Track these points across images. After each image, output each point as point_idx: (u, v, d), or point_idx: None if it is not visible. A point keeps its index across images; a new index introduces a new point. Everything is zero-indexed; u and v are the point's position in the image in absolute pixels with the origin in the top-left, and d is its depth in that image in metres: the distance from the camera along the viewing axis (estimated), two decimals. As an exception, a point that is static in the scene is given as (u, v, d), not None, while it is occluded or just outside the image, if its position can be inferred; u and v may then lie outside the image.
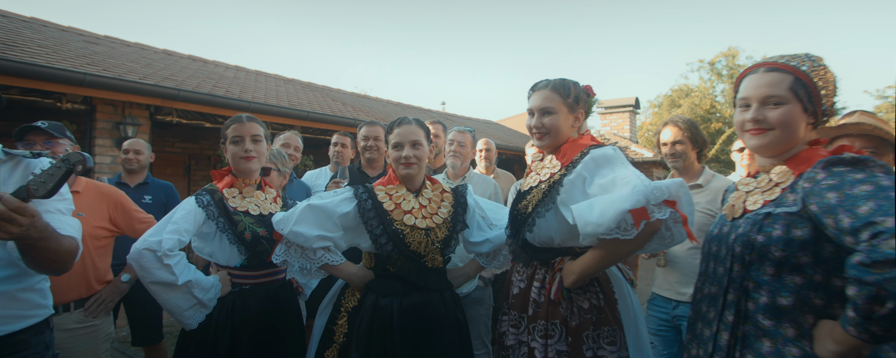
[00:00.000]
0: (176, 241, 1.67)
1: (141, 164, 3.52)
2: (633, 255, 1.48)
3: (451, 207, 1.96)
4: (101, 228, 2.33)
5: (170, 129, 7.71)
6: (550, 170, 1.68)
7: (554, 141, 1.71)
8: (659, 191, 1.28)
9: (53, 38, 6.11)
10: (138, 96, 5.22)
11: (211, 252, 1.89)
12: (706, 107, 22.36)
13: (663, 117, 23.34)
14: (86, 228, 2.25)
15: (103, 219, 2.35)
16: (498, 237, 1.99)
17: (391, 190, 1.88)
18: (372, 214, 1.81)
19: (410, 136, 1.86)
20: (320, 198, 1.84)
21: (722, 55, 24.66)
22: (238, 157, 1.94)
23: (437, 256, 1.86)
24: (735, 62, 24.19)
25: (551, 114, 1.68)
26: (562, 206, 1.55)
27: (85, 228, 2.23)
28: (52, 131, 2.21)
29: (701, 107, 22.50)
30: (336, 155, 3.89)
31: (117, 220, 2.39)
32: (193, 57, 8.37)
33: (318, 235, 1.74)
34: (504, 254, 2.05)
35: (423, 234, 1.82)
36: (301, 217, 1.75)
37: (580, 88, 1.72)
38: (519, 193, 1.81)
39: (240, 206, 1.93)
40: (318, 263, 1.78)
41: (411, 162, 1.85)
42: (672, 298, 2.43)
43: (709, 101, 23.01)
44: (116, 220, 2.39)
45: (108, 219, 2.37)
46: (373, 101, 11.44)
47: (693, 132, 2.46)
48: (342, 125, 7.41)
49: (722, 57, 24.64)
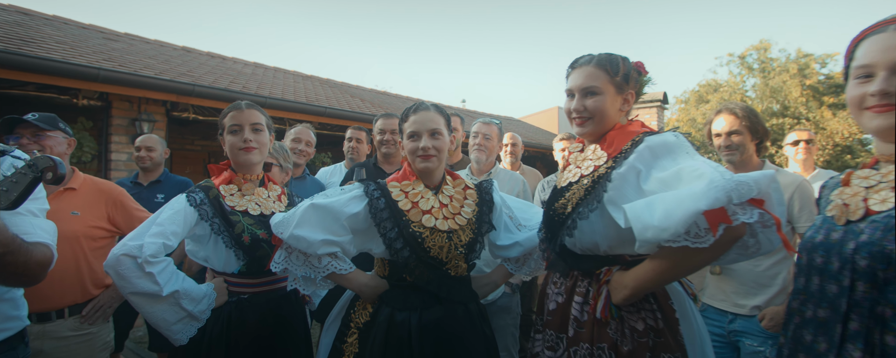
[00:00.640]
0: (159, 245, 1.46)
1: (154, 161, 3.37)
2: (705, 267, 1.21)
3: (476, 205, 1.71)
4: (99, 228, 2.16)
5: (189, 127, 7.67)
6: (594, 162, 1.40)
7: (598, 127, 1.44)
8: (745, 186, 1.00)
9: (73, 35, 6.09)
10: (154, 92, 5.13)
11: (206, 257, 1.68)
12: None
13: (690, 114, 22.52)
14: (81, 228, 2.09)
15: (101, 218, 2.18)
16: (529, 240, 1.73)
17: (407, 187, 1.64)
18: (385, 214, 1.57)
19: (428, 124, 1.62)
20: (326, 196, 1.61)
21: (753, 48, 23.66)
22: (236, 148, 1.73)
23: (460, 263, 1.61)
24: (767, 55, 23.18)
25: (596, 95, 1.41)
26: (610, 205, 1.28)
27: (80, 228, 2.07)
28: (41, 124, 2.04)
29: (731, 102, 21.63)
30: (351, 150, 3.68)
31: (117, 219, 2.22)
32: (212, 54, 8.32)
33: (322, 240, 1.51)
34: (535, 259, 1.79)
35: (445, 237, 1.57)
36: (303, 219, 1.52)
37: (630, 65, 1.44)
38: (555, 191, 1.54)
39: (238, 204, 1.72)
40: (324, 271, 1.55)
41: (430, 154, 1.61)
42: (728, 311, 2.12)
43: (739, 97, 22.12)
44: (116, 219, 2.22)
45: (107, 218, 2.20)
46: (392, 97, 11.25)
47: (752, 121, 2.14)
48: (360, 121, 7.24)
49: (753, 50, 23.64)
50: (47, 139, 2.07)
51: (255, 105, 1.81)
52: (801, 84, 20.54)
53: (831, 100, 20.18)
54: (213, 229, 1.63)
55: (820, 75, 21.02)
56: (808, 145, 3.28)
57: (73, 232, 2.04)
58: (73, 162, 5.28)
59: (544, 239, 1.51)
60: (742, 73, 23.51)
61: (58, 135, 2.11)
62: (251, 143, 1.73)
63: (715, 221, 1.02)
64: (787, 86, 20.67)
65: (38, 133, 2.04)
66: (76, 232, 2.05)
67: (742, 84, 23.45)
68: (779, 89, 20.87)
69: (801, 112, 20.26)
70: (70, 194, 2.13)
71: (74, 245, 2.05)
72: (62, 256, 2.02)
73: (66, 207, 2.07)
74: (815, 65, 21.36)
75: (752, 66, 23.41)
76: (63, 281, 2.04)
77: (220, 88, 5.61)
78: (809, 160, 3.31)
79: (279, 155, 2.26)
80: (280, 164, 2.24)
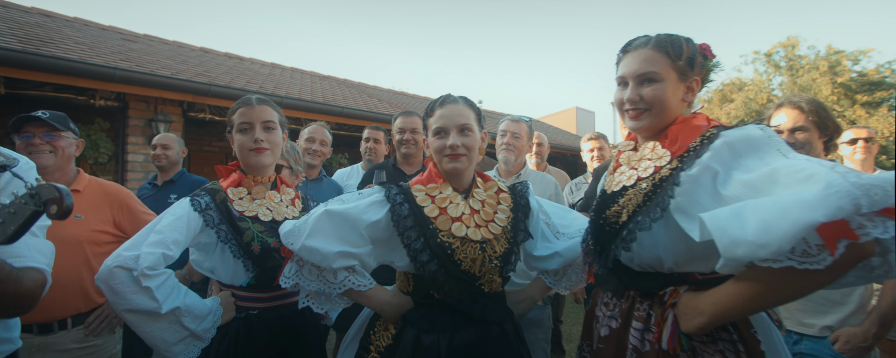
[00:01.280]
0: (158, 256, 1.30)
1: (170, 161, 3.24)
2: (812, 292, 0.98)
3: (510, 211, 1.51)
4: (104, 233, 2.02)
5: (206, 128, 7.64)
6: (654, 162, 1.19)
7: (656, 121, 1.22)
8: (878, 191, 0.78)
9: (92, 36, 6.09)
10: (170, 92, 5.06)
11: (212, 267, 1.52)
12: (762, 101, 20.84)
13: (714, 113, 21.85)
14: (85, 233, 1.95)
15: (106, 222, 2.04)
16: (569, 250, 1.52)
17: (433, 190, 1.45)
18: (409, 222, 1.39)
19: (457, 119, 1.43)
20: (342, 202, 1.43)
21: (780, 45, 22.88)
22: (246, 148, 1.56)
23: (495, 277, 1.42)
24: (795, 53, 22.40)
25: (654, 82, 1.20)
26: (678, 213, 1.07)
27: (84, 232, 1.93)
28: (53, 123, 1.92)
29: (756, 101, 20.99)
30: (368, 151, 3.51)
31: (123, 223, 2.09)
32: (230, 54, 8.29)
33: (338, 252, 1.33)
34: (576, 271, 1.59)
35: (478, 248, 1.38)
36: (316, 227, 1.35)
37: (694, 47, 1.22)
38: (604, 196, 1.33)
39: (248, 209, 1.56)
40: (340, 287, 1.37)
41: (459, 153, 1.41)
42: (793, 331, 1.88)
43: (765, 95, 21.43)
44: (122, 223, 2.09)
45: (112, 222, 2.06)
46: (410, 97, 11.11)
47: (820, 116, 1.89)
48: (378, 122, 7.10)
49: (780, 47, 22.87)
50: (59, 140, 1.95)
51: (267, 100, 1.64)
52: (832, 82, 19.78)
53: (865, 98, 19.38)
54: (219, 237, 1.47)
55: (852, 72, 20.21)
56: (867, 144, 2.99)
57: (76, 237, 1.91)
58: (90, 163, 5.24)
59: (592, 251, 1.30)
60: (768, 72, 22.80)
61: (69, 135, 2.00)
62: (262, 143, 1.56)
63: (833, 235, 0.80)
64: (816, 84, 19.93)
65: (50, 133, 1.92)
66: (79, 236, 1.92)
67: (768, 83, 22.73)
68: (808, 88, 20.14)
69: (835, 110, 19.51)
70: (74, 197, 2.00)
71: (77, 251, 1.92)
72: (64, 262, 1.89)
73: None
74: (846, 62, 20.54)
75: (779, 64, 22.65)
76: (65, 289, 1.91)
77: (237, 88, 5.52)
78: (870, 160, 3.00)
79: (290, 157, 2.09)
80: (290, 166, 2.07)
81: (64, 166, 2.01)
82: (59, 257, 1.65)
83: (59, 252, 1.55)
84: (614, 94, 1.29)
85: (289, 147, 2.10)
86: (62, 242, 1.77)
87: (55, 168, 1.96)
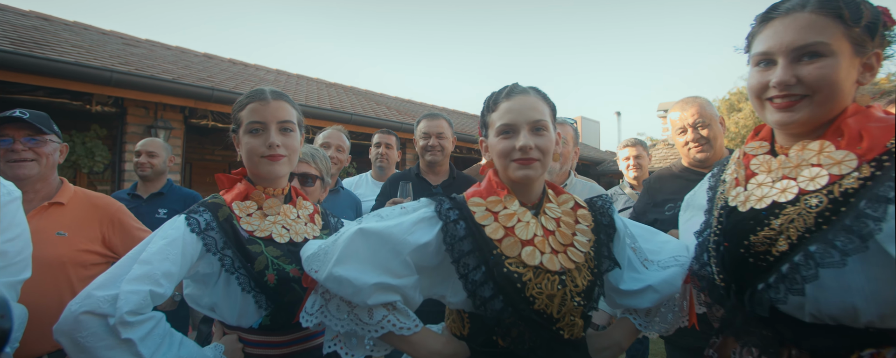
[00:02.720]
0: (144, 296, 0.98)
1: (156, 169, 2.89)
2: None
3: (592, 232, 1.20)
4: (91, 253, 1.72)
5: (209, 136, 7.36)
6: (828, 169, 0.87)
7: (821, 111, 0.91)
8: None
9: (91, 39, 5.84)
10: (171, 97, 4.78)
11: (212, 304, 1.20)
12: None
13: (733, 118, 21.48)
14: (68, 252, 1.63)
15: (93, 240, 1.74)
16: (665, 283, 1.20)
17: (495, 205, 1.14)
18: (467, 245, 1.08)
19: (530, 114, 1.12)
20: (379, 217, 1.13)
21: (788, 53, 22.67)
22: (257, 154, 1.26)
23: (576, 319, 1.10)
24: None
25: (821, 57, 0.89)
26: (889, 242, 0.75)
27: (67, 252, 1.61)
28: (37, 124, 1.63)
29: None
30: (380, 158, 3.20)
31: (113, 241, 1.78)
32: (234, 60, 8.05)
33: (375, 284, 1.03)
34: (674, 310, 1.27)
35: (557, 281, 1.07)
36: (348, 250, 1.04)
37: (875, 10, 0.91)
38: (739, 216, 0.99)
39: (258, 228, 1.24)
40: (377, 330, 1.06)
41: (531, 157, 1.11)
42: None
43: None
44: (112, 241, 1.78)
45: (101, 240, 1.76)
46: (418, 105, 10.85)
47: None
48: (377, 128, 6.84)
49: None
50: (43, 145, 1.66)
51: (284, 94, 1.34)
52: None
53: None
54: (223, 265, 1.15)
55: (862, 82, 19.99)
56: None
57: (59, 257, 1.61)
58: (86, 172, 4.95)
59: (722, 291, 0.98)
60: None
61: (53, 139, 1.71)
62: (278, 148, 1.26)
63: None
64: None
65: (33, 136, 1.63)
66: (62, 257, 1.62)
67: (777, 91, 22.45)
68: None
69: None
70: (57, 210, 1.70)
71: (59, 274, 1.61)
72: (43, 287, 1.58)
73: (50, 226, 1.65)
74: (856, 70, 20.33)
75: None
76: (42, 320, 1.59)
77: (241, 93, 5.24)
78: None
79: (321, 164, 1.71)
80: (322, 176, 1.70)
81: (47, 176, 1.71)
82: (36, 282, 1.35)
83: (38, 276, 1.34)
84: (749, 78, 0.98)
85: (319, 154, 1.72)
86: (41, 264, 1.46)
87: (38, 178, 1.67)
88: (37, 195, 1.69)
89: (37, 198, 1.69)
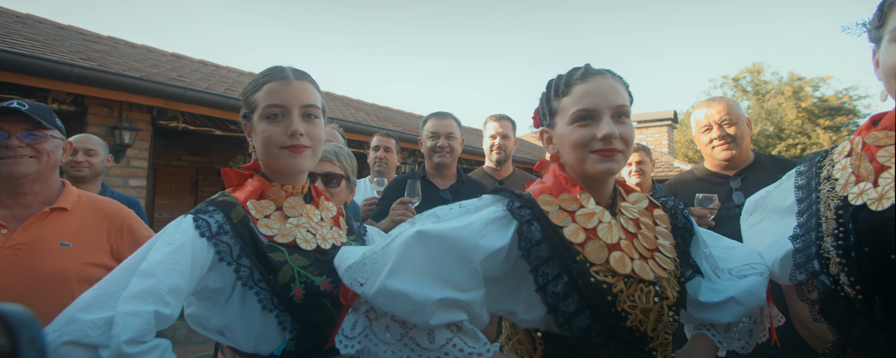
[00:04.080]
0: (148, 318, 0.75)
1: (94, 170, 2.51)
2: None
3: (673, 236, 1.05)
4: (98, 266, 1.44)
5: (176, 140, 6.91)
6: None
7: None
8: None
9: (47, 33, 5.37)
10: (138, 96, 4.40)
11: (223, 326, 0.97)
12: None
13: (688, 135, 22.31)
14: (73, 265, 1.37)
15: (100, 251, 1.47)
16: (748, 295, 1.06)
17: (569, 203, 0.97)
18: (544, 250, 0.90)
19: (611, 98, 0.97)
20: (436, 218, 0.94)
21: (747, 71, 23.92)
22: (276, 144, 1.05)
23: (669, 338, 0.94)
24: (760, 78, 23.39)
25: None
26: None
27: (72, 265, 1.39)
28: (37, 117, 1.38)
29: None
30: (378, 161, 3.00)
31: (123, 253, 1.50)
32: (205, 61, 7.64)
33: (441, 299, 0.84)
34: (753, 325, 1.13)
35: (653, 292, 0.90)
36: (405, 258, 0.85)
37: None
38: (872, 215, 0.85)
39: (280, 233, 1.03)
40: (438, 356, 0.86)
41: (615, 147, 0.95)
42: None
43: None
44: (122, 253, 1.50)
45: (109, 251, 1.49)
46: (394, 112, 10.64)
47: None
48: (366, 134, 6.61)
49: (747, 72, 23.89)
50: (44, 141, 1.40)
51: (306, 74, 1.14)
52: (797, 106, 20.61)
53: (827, 123, 20.24)
54: (240, 278, 0.93)
55: (813, 98, 21.16)
56: None
57: (62, 271, 1.36)
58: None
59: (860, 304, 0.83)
60: (736, 96, 23.63)
61: (56, 135, 1.45)
62: (302, 138, 1.05)
63: None
64: (782, 108, 20.74)
65: (32, 131, 1.38)
66: (65, 271, 1.37)
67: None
68: (774, 111, 20.96)
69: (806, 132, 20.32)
70: (59, 217, 1.43)
71: (62, 290, 1.34)
72: (44, 305, 1.26)
73: (52, 236, 1.39)
74: (808, 88, 21.54)
75: (745, 88, 23.57)
76: None
77: (217, 94, 4.91)
78: None
79: (345, 162, 1.50)
80: (348, 176, 1.49)
81: (47, 176, 1.45)
82: (37, 301, 1.20)
83: (42, 292, 1.28)
84: (885, 56, 0.85)
85: (344, 151, 1.51)
86: (42, 279, 1.31)
87: (36, 178, 1.41)
88: (36, 199, 1.42)
89: (36, 202, 1.42)
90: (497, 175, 2.82)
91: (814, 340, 1.09)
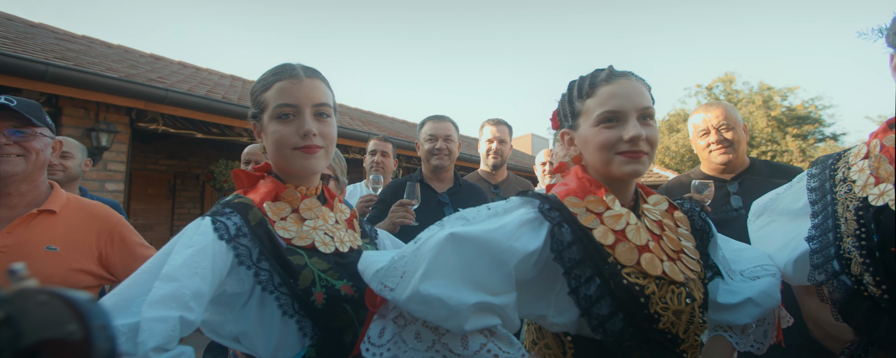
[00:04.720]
0: (174, 324, 0.71)
1: (70, 174, 2.41)
2: None
3: (694, 237, 1.05)
4: (85, 273, 1.37)
5: (153, 144, 6.71)
6: None
7: None
8: None
9: (17, 31, 5.15)
10: (117, 97, 4.25)
11: (239, 333, 0.92)
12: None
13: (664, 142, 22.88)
14: (59, 271, 1.29)
15: (88, 257, 1.39)
16: (764, 296, 1.07)
17: (596, 205, 0.97)
18: (575, 252, 0.89)
19: (638, 100, 0.97)
20: (465, 220, 0.92)
21: (719, 80, 24.73)
22: (288, 145, 1.01)
23: (698, 337, 0.94)
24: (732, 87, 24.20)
25: None
26: None
27: (58, 271, 1.33)
28: (25, 114, 1.30)
29: (702, 131, 22.41)
30: (375, 166, 2.96)
31: (112, 260, 1.43)
32: (184, 63, 7.45)
33: (476, 304, 0.82)
34: (766, 325, 1.14)
35: (684, 294, 0.90)
36: (437, 261, 0.83)
37: None
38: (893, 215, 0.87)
39: (297, 236, 0.99)
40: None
41: (641, 149, 0.95)
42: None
43: (708, 126, 22.76)
44: (110, 260, 1.43)
45: (97, 258, 1.41)
46: (379, 117, 10.58)
47: None
48: (355, 139, 6.57)
49: (719, 82, 24.69)
50: (33, 139, 1.32)
51: (317, 71, 1.10)
52: (767, 115, 21.37)
53: (795, 130, 21.05)
54: (259, 282, 0.88)
55: (782, 107, 21.98)
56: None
57: (48, 277, 1.28)
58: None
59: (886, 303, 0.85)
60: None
61: (45, 133, 1.37)
62: (315, 138, 1.02)
63: None
64: (753, 117, 21.47)
65: (20, 129, 1.30)
66: (52, 277, 1.29)
67: (710, 114, 24.29)
68: (745, 120, 21.69)
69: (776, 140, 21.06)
70: (47, 220, 1.35)
71: None
72: None
73: (39, 239, 1.31)
74: (776, 97, 22.38)
75: (718, 97, 24.32)
76: None
77: (199, 96, 4.78)
78: None
79: (335, 162, 1.53)
80: (336, 176, 1.50)
81: (35, 176, 1.36)
82: None
83: None
84: None
85: (334, 154, 1.54)
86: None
87: (23, 178, 1.32)
88: (22, 200, 1.34)
89: (22, 203, 1.34)
90: (492, 179, 2.81)
91: (829, 341, 1.10)
